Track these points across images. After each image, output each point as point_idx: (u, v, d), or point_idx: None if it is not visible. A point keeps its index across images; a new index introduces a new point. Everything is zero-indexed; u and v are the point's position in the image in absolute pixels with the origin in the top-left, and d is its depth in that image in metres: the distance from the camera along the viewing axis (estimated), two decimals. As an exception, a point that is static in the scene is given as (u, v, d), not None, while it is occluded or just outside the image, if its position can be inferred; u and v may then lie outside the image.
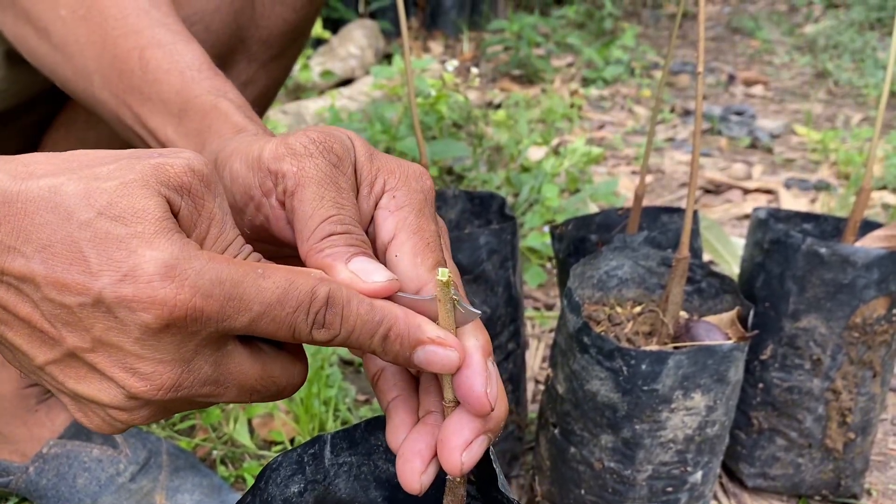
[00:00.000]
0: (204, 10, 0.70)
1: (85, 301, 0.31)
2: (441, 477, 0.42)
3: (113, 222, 0.31)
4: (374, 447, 0.47)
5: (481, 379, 0.37)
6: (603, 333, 0.73)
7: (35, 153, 0.35)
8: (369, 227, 0.40)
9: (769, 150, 2.23)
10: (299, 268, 0.35)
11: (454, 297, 0.36)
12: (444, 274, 0.35)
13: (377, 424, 0.47)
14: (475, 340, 0.38)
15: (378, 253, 0.40)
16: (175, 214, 0.34)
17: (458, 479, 0.40)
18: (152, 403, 0.34)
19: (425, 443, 0.39)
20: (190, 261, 0.32)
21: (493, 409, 0.37)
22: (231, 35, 0.73)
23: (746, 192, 1.90)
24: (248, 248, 0.37)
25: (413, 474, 0.38)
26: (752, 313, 0.74)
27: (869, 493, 0.93)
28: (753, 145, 2.28)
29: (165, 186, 0.33)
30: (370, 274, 0.36)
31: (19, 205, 0.31)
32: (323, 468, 0.46)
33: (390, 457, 0.47)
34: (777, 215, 0.92)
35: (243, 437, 0.95)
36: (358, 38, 2.80)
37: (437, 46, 3.40)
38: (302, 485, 0.45)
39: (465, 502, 0.41)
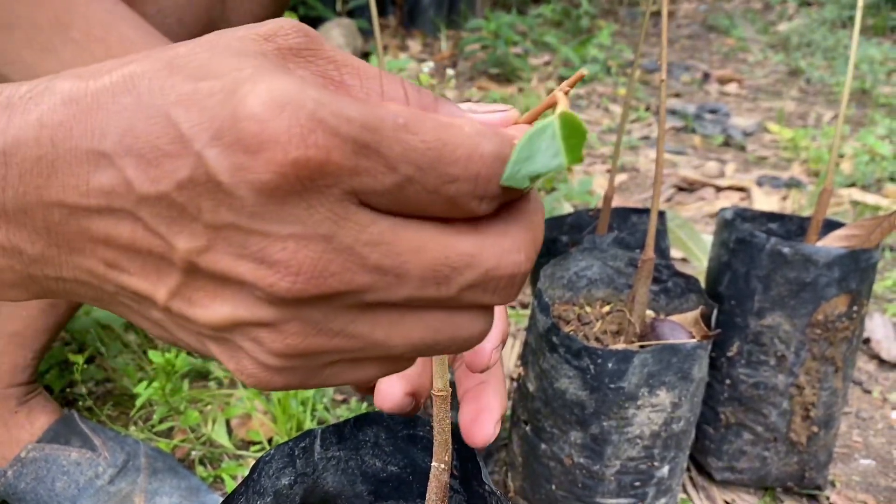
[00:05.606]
0: (177, 4, 0.73)
1: (182, 177, 0.24)
2: (425, 466, 0.44)
3: (205, 80, 0.24)
4: (363, 442, 0.49)
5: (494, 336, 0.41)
6: (571, 333, 0.75)
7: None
8: None
9: (742, 148, 2.26)
10: (445, 119, 0.25)
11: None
12: None
13: (366, 420, 0.49)
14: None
15: None
16: None
17: (443, 467, 0.41)
18: (299, 306, 0.25)
19: (408, 376, 0.44)
20: (305, 89, 0.23)
21: (485, 369, 0.42)
22: (203, 29, 0.75)
23: (719, 189, 1.93)
24: None
25: (397, 389, 0.42)
26: (715, 312, 0.77)
27: (833, 484, 0.96)
28: (727, 143, 2.31)
29: (274, 45, 0.26)
30: None
31: (88, 99, 0.25)
32: (312, 462, 0.47)
33: (377, 452, 0.49)
34: (743, 215, 0.95)
35: (221, 438, 0.96)
36: (336, 37, 2.81)
37: (415, 45, 3.41)
38: (292, 477, 0.46)
39: (448, 494, 0.43)
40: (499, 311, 0.43)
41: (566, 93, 0.28)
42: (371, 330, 0.26)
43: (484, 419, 0.41)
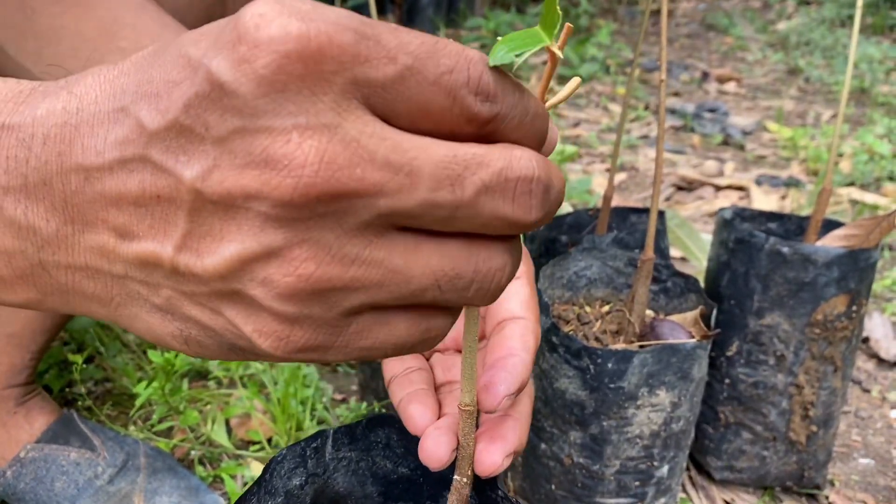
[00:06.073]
0: (177, 8, 0.73)
1: (189, 96, 0.23)
2: (446, 476, 0.43)
3: (216, 23, 0.25)
4: (374, 444, 0.49)
5: (511, 380, 0.40)
6: (571, 333, 0.75)
7: None
8: None
9: (741, 148, 2.26)
10: None
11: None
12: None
13: (378, 422, 0.49)
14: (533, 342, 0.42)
15: None
16: None
17: (465, 481, 0.41)
18: (307, 221, 0.24)
19: (451, 429, 0.41)
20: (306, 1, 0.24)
21: (492, 412, 0.40)
22: None
23: (718, 188, 1.93)
24: None
25: (443, 448, 0.40)
26: (714, 312, 0.77)
27: (832, 483, 0.96)
28: (726, 142, 2.31)
29: None
30: None
31: (115, 72, 0.26)
32: (323, 462, 0.47)
33: (388, 454, 0.48)
34: (742, 215, 0.95)
35: (221, 438, 0.96)
36: (334, 37, 2.80)
37: (414, 44, 3.41)
38: (303, 478, 0.46)
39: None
40: (521, 360, 0.40)
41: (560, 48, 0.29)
42: (388, 255, 0.25)
43: (495, 448, 0.40)
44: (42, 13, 0.56)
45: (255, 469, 0.92)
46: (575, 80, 0.31)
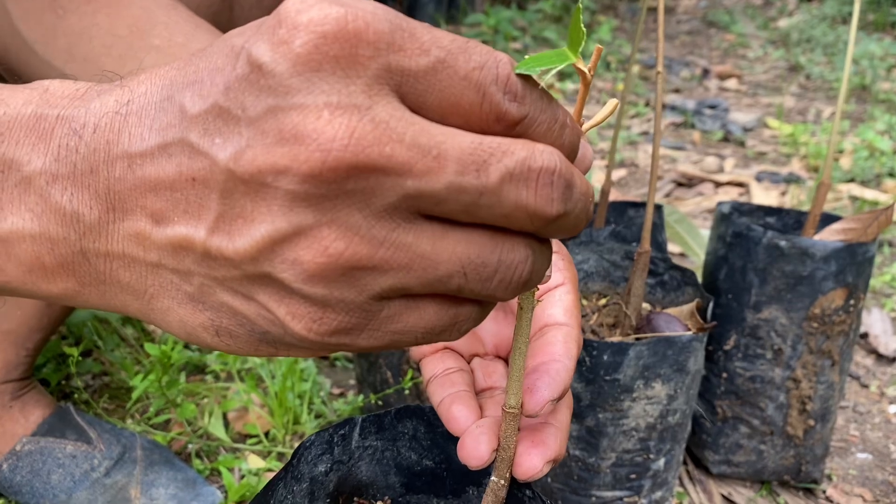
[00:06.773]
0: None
1: (229, 79, 0.25)
2: (469, 472, 0.43)
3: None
4: (401, 434, 0.48)
5: (554, 385, 0.39)
6: (568, 326, 0.74)
7: None
8: None
9: (741, 144, 2.26)
10: None
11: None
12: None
13: (406, 413, 0.48)
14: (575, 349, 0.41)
15: None
16: None
17: (503, 483, 0.40)
18: (335, 199, 0.24)
19: (492, 429, 0.40)
20: None
21: (534, 416, 0.39)
22: None
23: (718, 185, 1.93)
24: None
25: (483, 447, 0.39)
26: (711, 305, 0.77)
27: (829, 478, 0.96)
28: (726, 139, 2.31)
29: None
30: None
31: (167, 68, 0.27)
32: (349, 450, 0.47)
33: (414, 445, 0.48)
34: (741, 209, 0.95)
35: (218, 431, 0.96)
36: (335, 33, 2.80)
37: (414, 40, 3.41)
38: (329, 464, 0.46)
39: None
40: (565, 366, 0.40)
41: (590, 70, 0.30)
42: (416, 240, 0.25)
43: (536, 452, 0.39)
44: (73, 12, 0.56)
45: (253, 462, 0.92)
46: (612, 103, 0.32)
